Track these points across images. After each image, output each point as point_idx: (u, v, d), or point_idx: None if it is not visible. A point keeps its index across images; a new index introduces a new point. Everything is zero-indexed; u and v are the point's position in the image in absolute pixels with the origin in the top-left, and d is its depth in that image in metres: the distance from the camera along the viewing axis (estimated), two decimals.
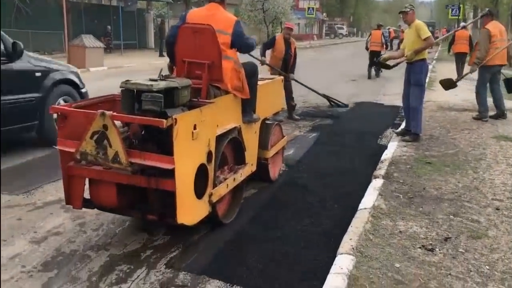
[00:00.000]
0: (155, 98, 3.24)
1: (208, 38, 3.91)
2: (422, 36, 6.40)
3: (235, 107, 4.26)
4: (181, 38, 4.04)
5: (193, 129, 3.29)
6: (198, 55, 3.96)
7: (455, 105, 9.95)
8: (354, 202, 4.72)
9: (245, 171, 4.40)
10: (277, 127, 5.40)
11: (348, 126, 8.62)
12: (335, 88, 13.81)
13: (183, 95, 3.52)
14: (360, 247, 3.44)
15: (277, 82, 5.54)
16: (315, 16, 51.66)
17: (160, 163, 3.13)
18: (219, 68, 3.95)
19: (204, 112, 3.44)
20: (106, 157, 3.15)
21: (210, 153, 3.61)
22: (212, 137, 3.65)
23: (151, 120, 3.13)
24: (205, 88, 3.94)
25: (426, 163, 5.62)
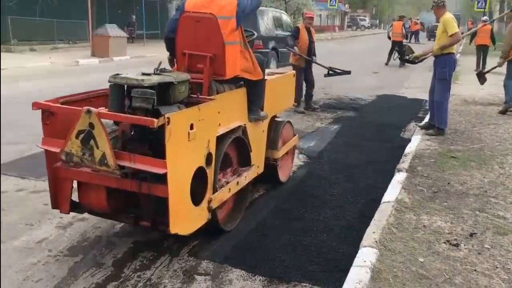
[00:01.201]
0: (146, 94, 2.94)
1: (210, 28, 3.57)
2: (449, 32, 6.27)
3: (240, 104, 3.92)
4: (181, 29, 3.69)
5: (189, 129, 2.97)
6: (200, 47, 3.64)
7: (480, 99, 9.77)
8: (377, 196, 4.69)
9: (250, 173, 4.06)
10: (287, 125, 5.02)
11: (370, 118, 8.54)
12: (357, 80, 13.67)
13: (180, 91, 3.20)
14: (383, 240, 3.41)
15: (288, 76, 5.10)
16: (337, 8, 51.02)
17: (151, 167, 2.82)
18: (222, 60, 3.62)
19: (203, 110, 3.12)
20: (93, 158, 2.87)
21: (210, 155, 3.29)
22: (212, 138, 3.33)
23: (140, 119, 2.83)
24: (206, 83, 3.60)
25: (451, 158, 5.54)
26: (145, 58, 17.35)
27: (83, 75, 12.92)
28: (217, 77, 3.68)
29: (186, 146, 2.98)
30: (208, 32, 3.59)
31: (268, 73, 4.62)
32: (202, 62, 3.63)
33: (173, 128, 2.78)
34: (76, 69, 14.38)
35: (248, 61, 3.82)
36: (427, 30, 47.02)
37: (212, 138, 3.32)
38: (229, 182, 3.69)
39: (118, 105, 3.10)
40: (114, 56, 16.79)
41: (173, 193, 2.91)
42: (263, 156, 4.47)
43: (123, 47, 17.60)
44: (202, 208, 3.32)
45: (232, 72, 3.69)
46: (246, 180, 3.97)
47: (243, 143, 3.96)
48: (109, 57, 16.63)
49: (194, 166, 3.14)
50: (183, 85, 3.25)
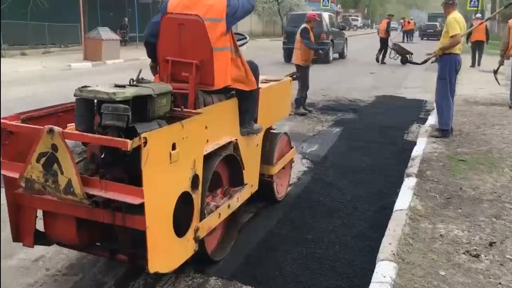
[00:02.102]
0: (118, 110, 2.49)
1: (196, 32, 3.17)
2: (450, 33, 6.17)
3: (231, 116, 3.49)
4: (163, 33, 3.28)
5: (171, 150, 2.55)
6: (184, 53, 3.24)
7: (482, 99, 9.63)
8: (386, 202, 4.54)
9: (243, 194, 3.60)
10: (283, 137, 4.58)
11: (371, 120, 8.38)
12: (355, 81, 13.56)
13: (160, 104, 2.78)
14: (401, 253, 3.24)
15: (284, 84, 4.63)
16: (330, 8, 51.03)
17: (125, 196, 2.40)
18: (210, 68, 3.22)
19: (187, 127, 2.68)
20: (57, 186, 2.45)
21: (196, 177, 2.84)
22: (199, 157, 2.88)
23: (111, 140, 2.40)
24: (192, 94, 3.19)
25: (459, 161, 5.38)
26: (139, 61, 17.08)
27: (76, 79, 12.66)
28: (205, 87, 3.27)
29: (167, 169, 2.55)
30: (194, 36, 3.20)
31: (262, 80, 4.25)
32: (188, 70, 3.22)
33: (151, 149, 2.37)
34: (69, 73, 14.13)
35: (240, 69, 3.41)
36: (420, 29, 47.06)
37: (198, 158, 2.87)
38: (219, 206, 3.22)
39: (86, 122, 2.66)
40: (107, 59, 16.55)
41: (152, 225, 2.46)
42: (257, 173, 4.03)
43: (116, 50, 17.36)
44: (187, 239, 2.86)
45: (221, 81, 3.28)
46: (239, 202, 3.50)
47: (235, 160, 3.50)
48: (102, 60, 16.38)
49: (178, 191, 2.71)
50: (164, 97, 2.82)
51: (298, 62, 8.82)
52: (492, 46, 24.11)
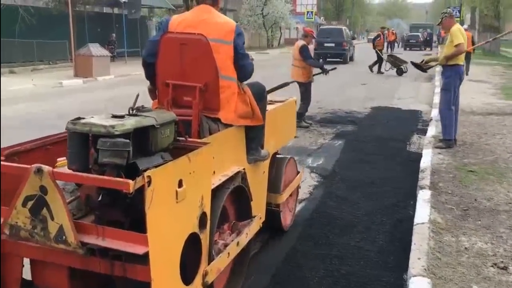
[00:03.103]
0: (117, 146, 2.18)
1: (200, 52, 2.92)
2: (454, 42, 6.26)
3: (238, 144, 3.20)
4: (163, 53, 3.01)
5: (177, 187, 2.26)
6: (187, 75, 2.97)
7: (478, 109, 9.77)
8: (403, 215, 4.56)
9: (252, 228, 3.25)
10: (291, 162, 4.31)
11: (371, 132, 8.43)
12: (347, 92, 13.68)
13: (163, 135, 2.46)
14: (431, 268, 3.24)
15: (289, 104, 4.38)
16: (314, 20, 51.60)
17: (127, 245, 2.09)
18: (215, 92, 2.97)
19: (195, 160, 2.39)
20: (47, 233, 2.13)
21: (204, 215, 2.54)
22: (207, 192, 2.59)
23: (110, 181, 2.08)
24: (196, 121, 2.92)
25: (469, 172, 5.43)
26: (130, 76, 17.03)
27: (69, 96, 12.57)
28: (210, 113, 3.00)
29: (174, 210, 2.26)
30: (198, 57, 2.94)
31: (268, 102, 3.94)
32: (190, 94, 2.94)
33: (156, 189, 2.08)
34: (60, 90, 13.99)
35: (247, 105, 3.11)
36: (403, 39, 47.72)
37: (206, 193, 2.57)
38: (227, 244, 2.90)
39: (80, 160, 2.32)
40: (98, 75, 16.42)
41: (158, 276, 2.15)
42: (264, 202, 3.76)
43: (107, 66, 17.24)
44: (195, 287, 2.56)
45: (227, 116, 3.03)
46: (248, 237, 3.16)
47: (243, 191, 3.17)
48: (93, 77, 16.25)
49: (185, 234, 2.40)
50: (168, 127, 2.50)
51: (299, 79, 8.80)
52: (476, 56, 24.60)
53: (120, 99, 4.06)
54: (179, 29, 3.04)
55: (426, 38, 43.38)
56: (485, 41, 15.52)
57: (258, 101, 3.22)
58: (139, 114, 2.41)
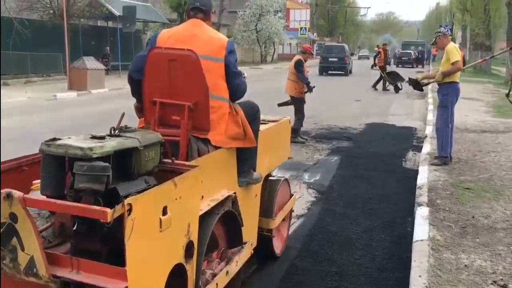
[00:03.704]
0: (95, 170, 1.99)
1: (190, 69, 2.77)
2: (451, 60, 6.35)
3: (229, 166, 3.02)
4: (150, 69, 2.84)
5: (161, 215, 2.07)
6: (176, 93, 2.81)
7: (472, 126, 9.87)
8: (401, 232, 4.59)
9: (243, 256, 3.06)
10: (284, 185, 4.12)
11: (367, 148, 8.48)
12: (341, 108, 13.77)
13: (148, 158, 2.29)
14: (432, 285, 3.25)
15: (283, 124, 4.19)
16: (308, 36, 52.11)
17: (104, 280, 1.90)
18: (205, 112, 2.81)
19: (181, 185, 2.21)
20: (16, 265, 1.96)
21: (191, 244, 2.34)
22: (194, 219, 2.40)
23: (86, 209, 1.89)
24: (184, 142, 2.75)
25: (465, 189, 5.47)
26: (124, 89, 17.00)
27: (63, 109, 12.54)
28: (199, 134, 2.84)
29: (157, 239, 2.08)
30: (187, 74, 2.79)
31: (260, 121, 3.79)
32: (179, 113, 2.79)
33: (138, 218, 1.91)
34: (54, 103, 13.95)
35: (238, 126, 2.96)
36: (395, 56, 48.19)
37: (193, 220, 2.39)
38: (216, 274, 2.70)
39: (55, 185, 2.13)
40: (92, 89, 16.41)
41: None
42: (256, 228, 3.56)
43: (101, 80, 17.24)
44: None
45: (217, 138, 2.86)
46: (238, 265, 2.97)
47: (233, 216, 2.99)
48: (87, 90, 16.23)
49: (169, 265, 2.21)
50: (153, 149, 2.33)
51: (292, 93, 8.93)
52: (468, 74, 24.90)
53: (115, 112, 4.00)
54: (168, 44, 2.89)
55: (418, 56, 43.88)
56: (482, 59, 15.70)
57: (251, 122, 3.08)
58: (122, 135, 2.26)
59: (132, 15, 21.06)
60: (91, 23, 26.37)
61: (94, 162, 2.00)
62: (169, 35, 2.96)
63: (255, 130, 3.17)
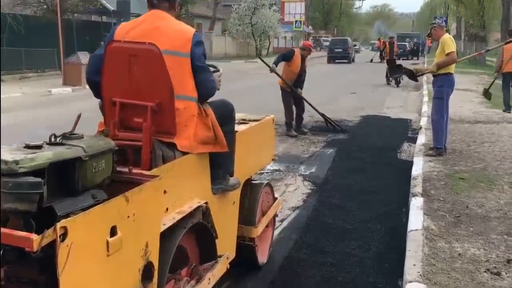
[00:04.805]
0: (21, 187, 1.69)
1: (152, 65, 2.48)
2: (446, 51, 6.37)
3: (200, 173, 2.71)
4: (108, 66, 2.54)
5: (108, 237, 1.78)
6: (137, 92, 2.52)
7: (466, 117, 9.91)
8: (397, 223, 4.62)
9: (217, 271, 2.74)
10: (267, 189, 3.83)
11: (362, 141, 8.51)
12: (338, 102, 13.77)
13: (96, 169, 1.98)
14: (426, 274, 3.29)
15: (266, 124, 3.83)
16: (302, 30, 52.05)
17: None
18: (170, 113, 2.51)
19: (136, 199, 1.92)
20: None
21: (150, 266, 2.06)
22: (154, 237, 2.10)
23: (8, 236, 1.59)
24: (147, 148, 2.43)
25: (460, 179, 5.52)
26: None
27: (58, 105, 12.51)
28: (164, 137, 2.53)
29: (104, 266, 1.78)
30: (149, 71, 2.49)
31: (239, 121, 3.53)
32: (142, 115, 2.48)
33: (76, 243, 1.62)
34: (50, 99, 13.92)
35: (209, 130, 2.66)
36: None
37: (153, 238, 2.09)
38: None
39: None
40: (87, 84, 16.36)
41: None
42: (234, 238, 3.26)
43: None
44: None
45: (185, 143, 2.56)
46: (211, 283, 2.65)
47: (205, 229, 2.69)
48: (82, 85, 16.15)
49: None
50: (103, 158, 2.01)
51: (280, 84, 8.95)
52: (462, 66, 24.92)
53: None
54: (128, 38, 2.59)
55: (413, 48, 43.89)
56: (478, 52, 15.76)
57: (224, 124, 2.81)
58: (65, 143, 1.95)
59: (127, 10, 20.99)
60: (85, 18, 26.26)
61: (21, 178, 1.70)
62: (128, 29, 2.65)
63: (229, 132, 2.90)
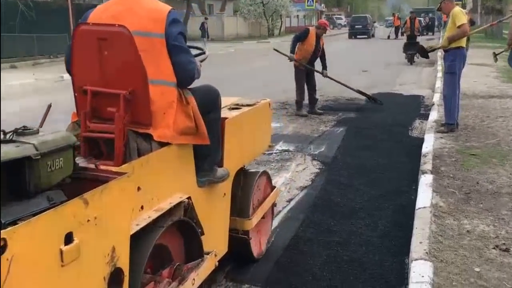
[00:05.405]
0: None
1: (123, 49, 2.28)
2: (457, 23, 6.21)
3: (182, 165, 2.52)
4: (78, 51, 2.36)
5: (62, 245, 1.59)
6: (109, 79, 2.34)
7: (480, 92, 9.72)
8: (405, 200, 4.56)
9: (203, 270, 2.55)
10: (262, 178, 3.59)
11: (373, 118, 8.41)
12: (349, 80, 13.45)
13: (52, 168, 1.77)
14: (432, 251, 3.25)
15: (262, 108, 3.56)
16: (315, 8, 51.29)
17: None
18: (145, 101, 2.32)
19: (97, 200, 1.73)
20: None
21: (118, 272, 1.88)
22: (123, 241, 1.91)
23: None
24: (120, 141, 2.23)
25: (471, 155, 5.42)
26: None
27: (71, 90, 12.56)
28: (140, 128, 2.34)
29: (58, 278, 1.59)
30: (120, 55, 2.30)
31: (232, 106, 3.32)
32: (115, 104, 2.27)
33: (20, 254, 1.44)
34: (62, 84, 13.95)
35: (190, 119, 2.46)
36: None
37: (121, 242, 1.89)
38: None
39: None
40: None
41: None
42: (225, 232, 3.09)
43: None
44: None
45: (163, 133, 2.36)
46: (195, 283, 2.45)
47: (188, 226, 2.49)
48: None
49: None
50: (61, 155, 1.80)
51: (294, 62, 8.83)
52: (478, 39, 24.41)
53: None
54: (101, 19, 2.40)
55: (428, 23, 42.98)
56: (490, 24, 15.38)
57: (208, 112, 2.64)
58: (15, 140, 1.74)
59: None
60: (95, 3, 26.21)
61: None
62: (102, 10, 2.47)
63: (214, 120, 2.73)
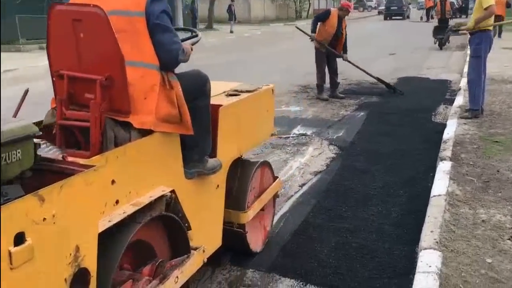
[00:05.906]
0: None
1: (97, 31, 2.13)
2: (484, 5, 5.94)
3: (167, 155, 2.35)
4: (53, 32, 2.26)
5: (12, 247, 1.46)
6: (86, 64, 2.21)
7: (510, 77, 9.36)
8: (421, 188, 4.43)
9: (189, 267, 2.37)
10: (262, 169, 3.37)
11: (396, 103, 8.20)
12: (376, 63, 13.27)
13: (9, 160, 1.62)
14: (443, 240, 3.14)
15: (263, 94, 3.34)
16: None
17: None
18: (122, 86, 2.17)
19: (55, 197, 1.57)
20: None
21: (84, 272, 1.73)
22: (90, 239, 1.76)
23: None
24: (96, 128, 2.13)
25: (494, 142, 5.22)
26: None
27: None
28: (118, 116, 2.20)
29: (7, 282, 1.48)
30: (96, 38, 2.16)
31: (231, 91, 3.14)
32: (93, 90, 2.17)
33: None
34: None
35: (173, 105, 2.28)
36: None
37: (87, 240, 1.74)
38: None
39: None
40: None
41: None
42: (219, 226, 2.93)
43: None
44: None
45: (144, 120, 2.20)
46: (179, 281, 2.27)
47: (172, 221, 2.31)
48: None
49: None
50: (17, 147, 1.64)
51: (315, 44, 8.67)
52: None
53: None
54: (80, 0, 2.27)
55: (462, 5, 41.63)
56: None
57: (195, 99, 2.46)
58: None
59: None
60: None
61: None
62: None
63: (202, 107, 2.54)
